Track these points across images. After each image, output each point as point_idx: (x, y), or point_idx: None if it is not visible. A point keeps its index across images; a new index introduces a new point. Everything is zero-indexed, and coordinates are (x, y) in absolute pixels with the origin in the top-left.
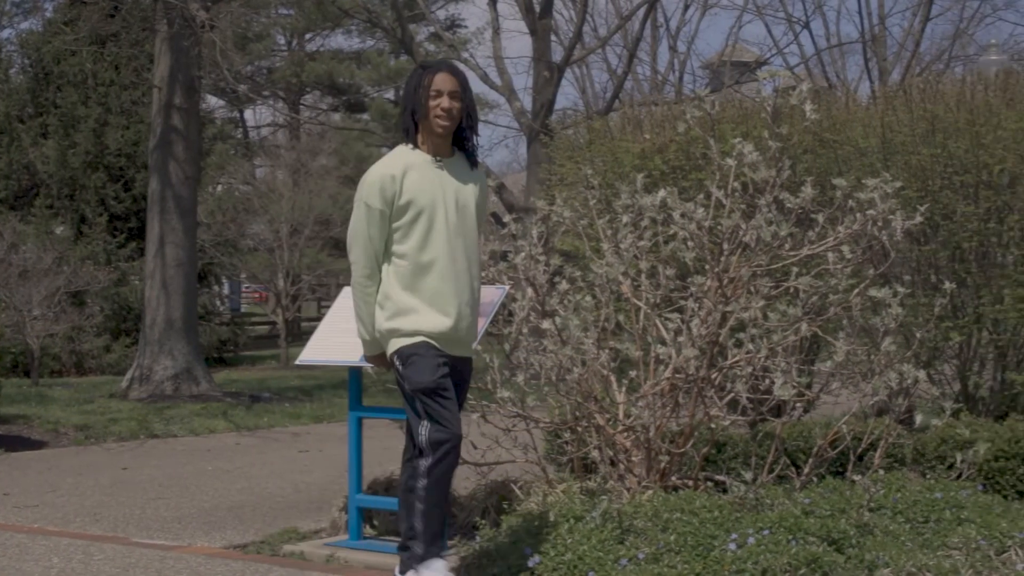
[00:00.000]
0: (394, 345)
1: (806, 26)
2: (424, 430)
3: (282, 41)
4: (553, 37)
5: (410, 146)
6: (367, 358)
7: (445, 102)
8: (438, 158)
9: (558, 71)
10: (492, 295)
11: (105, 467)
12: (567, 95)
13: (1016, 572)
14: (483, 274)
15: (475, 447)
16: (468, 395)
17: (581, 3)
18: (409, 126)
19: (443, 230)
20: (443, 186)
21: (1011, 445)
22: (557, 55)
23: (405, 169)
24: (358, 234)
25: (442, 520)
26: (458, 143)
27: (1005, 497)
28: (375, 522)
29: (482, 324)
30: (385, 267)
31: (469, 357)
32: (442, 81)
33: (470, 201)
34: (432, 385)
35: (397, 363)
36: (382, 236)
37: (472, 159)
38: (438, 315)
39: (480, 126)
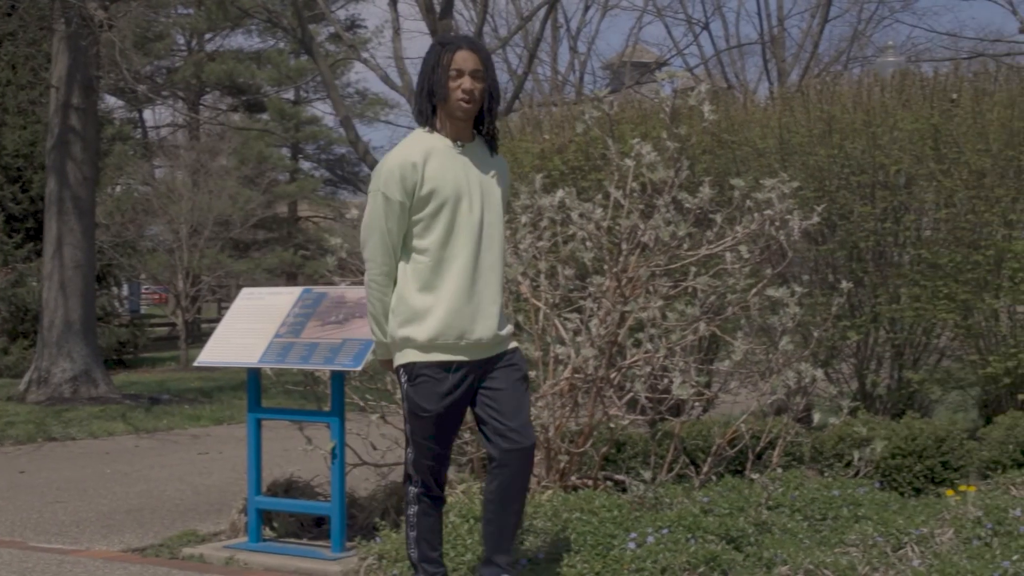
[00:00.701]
0: (405, 357)
1: (706, 27)
2: (410, 456)
3: (182, 41)
4: None
5: (427, 130)
6: (379, 361)
7: (467, 83)
8: (459, 143)
9: None
10: None
11: (2, 470)
12: None
13: (912, 568)
14: None
15: (375, 448)
16: (368, 397)
17: (481, 4)
18: (426, 109)
19: (468, 222)
20: (467, 174)
21: (908, 443)
22: None
23: (426, 155)
24: (374, 228)
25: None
26: (476, 126)
27: (902, 494)
28: (275, 524)
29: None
30: (402, 265)
31: (503, 352)
32: (463, 59)
33: (495, 190)
34: (431, 414)
35: (403, 377)
36: (401, 230)
37: (493, 144)
38: (458, 317)
39: (380, 126)
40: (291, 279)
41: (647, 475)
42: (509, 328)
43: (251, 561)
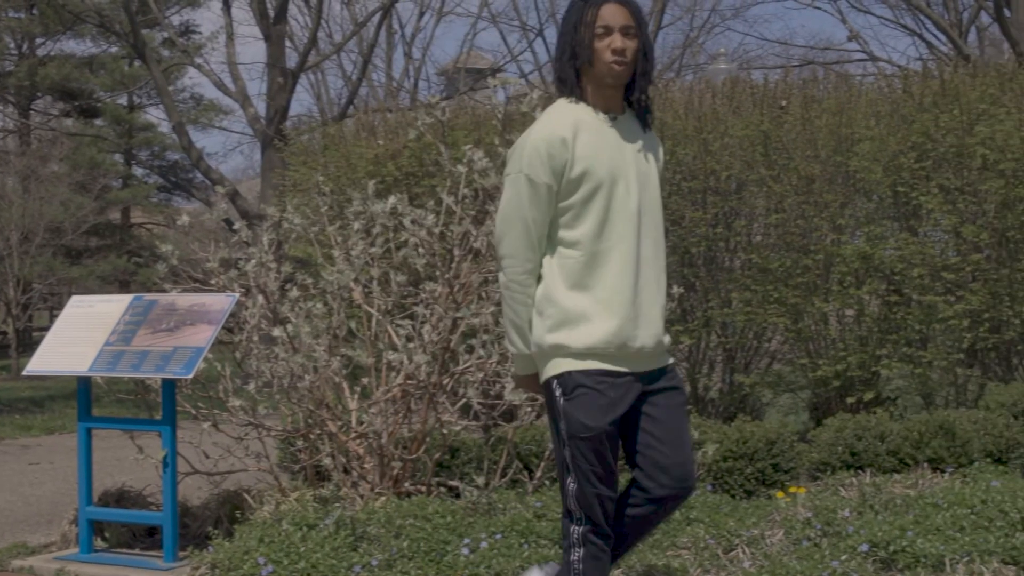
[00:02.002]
0: (557, 367)
1: (540, 34)
2: (572, 487)
3: (13, 45)
4: (288, 43)
5: (572, 100)
6: (516, 379)
7: (618, 41)
8: (611, 115)
9: (292, 77)
10: (221, 303)
11: None
12: (302, 101)
13: (743, 569)
14: (213, 282)
15: (207, 456)
16: (200, 405)
17: (316, 9)
18: (568, 75)
19: (625, 209)
20: (621, 152)
21: (739, 446)
22: (292, 61)
23: (575, 129)
24: (513, 218)
25: None
26: (625, 96)
27: (733, 496)
28: (107, 534)
29: (211, 332)
30: (547, 261)
31: (663, 367)
32: (611, 14)
33: (652, 171)
34: (596, 433)
35: (557, 391)
36: (546, 219)
37: (646, 117)
38: (619, 321)
39: (214, 132)
40: (124, 286)
41: (480, 481)
42: (668, 337)
43: (82, 572)
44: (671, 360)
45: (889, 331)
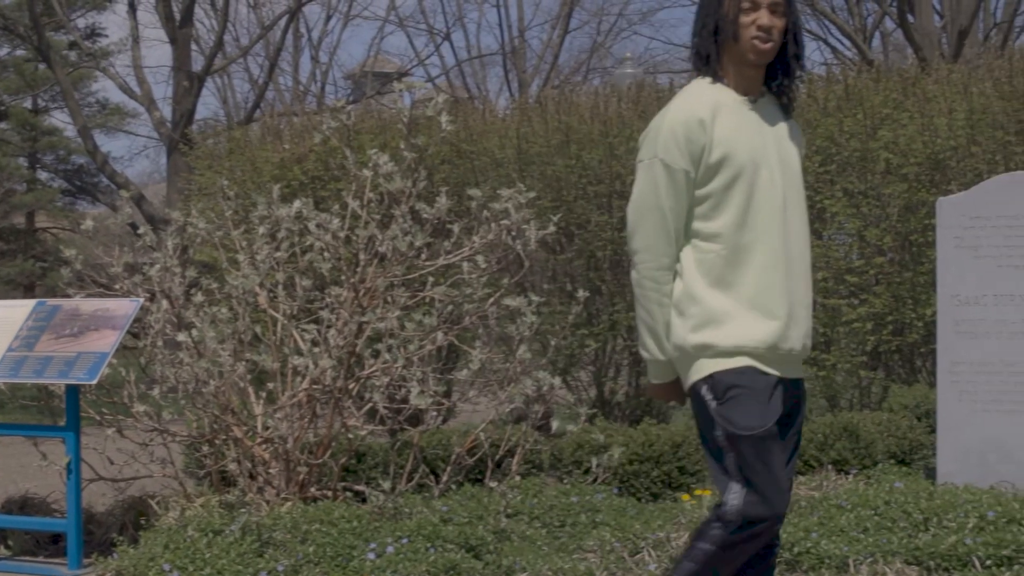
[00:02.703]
0: (705, 368)
1: (447, 38)
2: (736, 496)
3: None
4: (194, 46)
5: (710, 80)
6: (653, 387)
7: (764, 17)
8: (751, 97)
9: (198, 80)
10: (126, 308)
11: None
12: (209, 105)
13: (649, 572)
14: (117, 287)
15: (112, 462)
16: (105, 411)
17: (222, 12)
18: (710, 51)
19: (769, 199)
20: (763, 137)
21: (645, 449)
22: (199, 64)
23: (714, 111)
24: (648, 208)
25: None
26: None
27: (639, 499)
28: (10, 542)
29: (115, 338)
30: (684, 255)
31: (801, 379)
32: None
33: (795, 160)
34: (761, 434)
35: (708, 396)
36: (684, 209)
37: (789, 105)
38: (766, 321)
39: (120, 136)
40: (29, 291)
41: (386, 485)
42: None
43: None
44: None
45: None
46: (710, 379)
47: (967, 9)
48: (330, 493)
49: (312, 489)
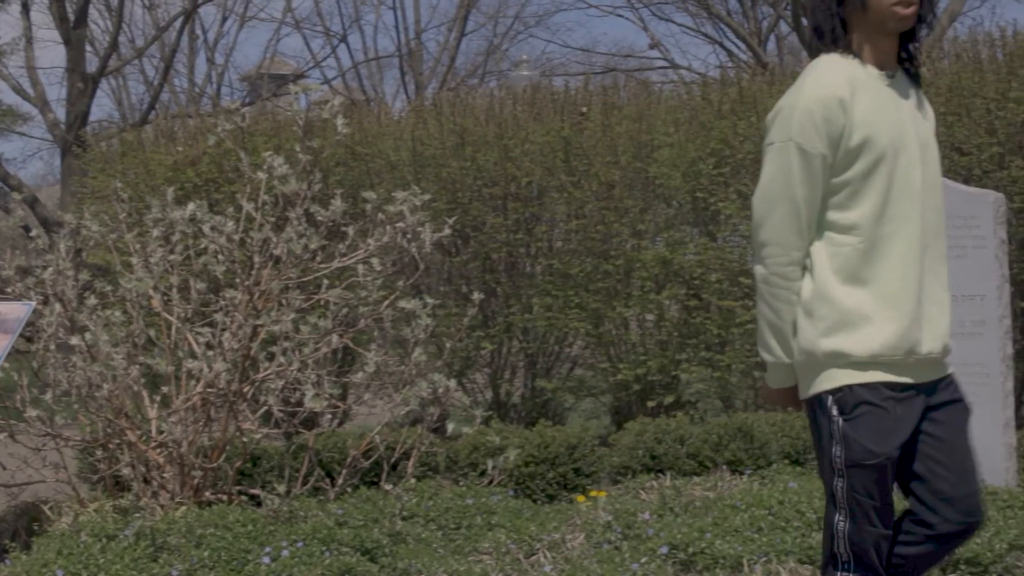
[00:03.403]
0: (835, 379)
1: (343, 40)
2: (844, 527)
3: None
4: (89, 48)
5: (840, 53)
6: (771, 392)
7: None
8: (888, 72)
9: (93, 82)
10: (18, 311)
11: None
12: (103, 107)
13: (544, 574)
14: (9, 290)
15: (4, 467)
16: None
17: (117, 13)
18: (834, 23)
19: (908, 186)
20: (900, 117)
21: (540, 450)
22: (93, 66)
23: (852, 89)
24: (779, 197)
25: None
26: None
27: (535, 501)
28: None
29: (7, 341)
30: (815, 250)
31: (944, 375)
32: None
33: (931, 140)
34: (881, 459)
35: (833, 410)
36: (818, 198)
37: (917, 74)
38: (905, 322)
39: (13, 138)
40: None
41: (281, 488)
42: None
43: None
44: (950, 369)
45: (688, 335)
46: (839, 392)
47: None
48: (225, 497)
49: (207, 493)
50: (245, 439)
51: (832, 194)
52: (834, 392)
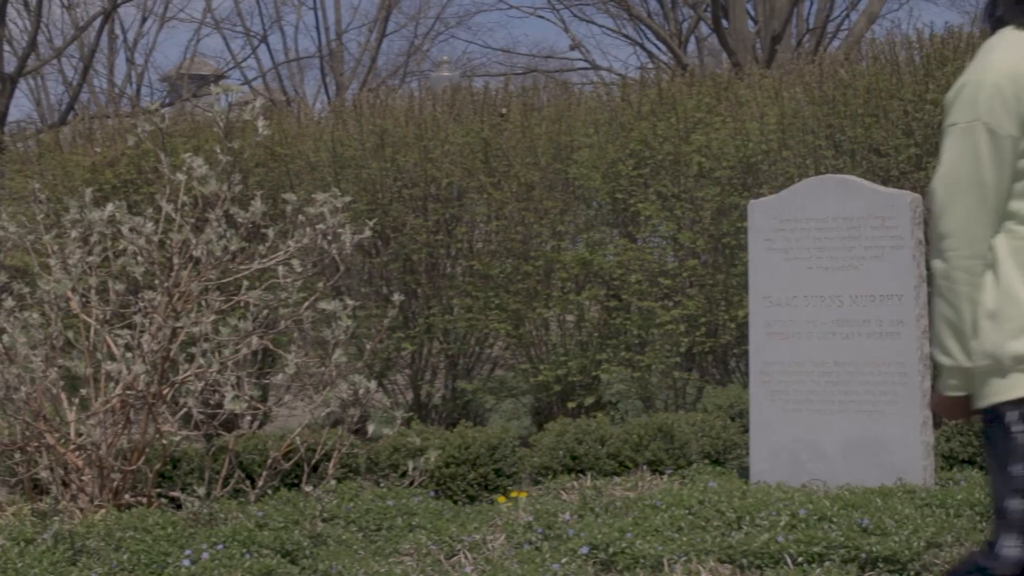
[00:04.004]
0: (1018, 388)
1: (264, 40)
2: (1015, 552)
3: None
4: (7, 47)
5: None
6: (944, 401)
7: None
8: None
9: (11, 82)
10: None
11: None
12: (22, 107)
13: (464, 575)
14: None
15: None
16: None
17: (35, 13)
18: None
19: None
20: None
21: (461, 451)
22: (11, 65)
23: None
24: (965, 184)
25: None
26: None
27: (456, 502)
28: None
29: None
30: (997, 242)
31: None
32: None
33: None
34: None
35: (1017, 423)
36: (1006, 183)
37: None
38: None
39: None
40: None
41: (202, 491)
42: None
43: None
44: None
45: (609, 336)
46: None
47: (780, 15)
48: (145, 500)
49: (126, 496)
50: (165, 441)
51: (1018, 180)
52: (1019, 402)
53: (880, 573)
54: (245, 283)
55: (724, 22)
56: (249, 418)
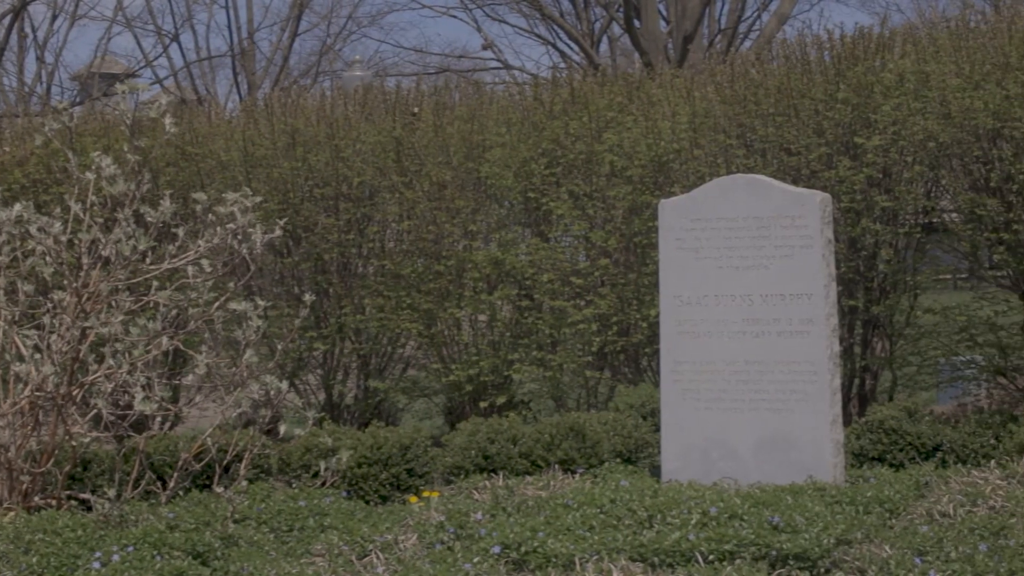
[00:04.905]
0: None
1: (175, 39)
2: None
3: None
4: None
5: None
6: None
7: None
8: None
9: None
10: None
11: None
12: None
13: (376, 575)
14: None
15: None
16: None
17: None
18: None
19: None
20: None
21: (373, 451)
22: None
23: None
24: None
25: None
26: None
27: (368, 502)
28: None
29: None
30: None
31: None
32: None
33: None
34: None
35: None
36: None
37: None
38: None
39: None
40: None
41: (112, 493)
42: None
43: None
44: None
45: (521, 335)
46: None
47: (692, 15)
48: (54, 502)
49: (36, 498)
50: (74, 443)
51: None
52: None
53: (790, 570)
54: (155, 283)
55: (636, 22)
56: (160, 419)
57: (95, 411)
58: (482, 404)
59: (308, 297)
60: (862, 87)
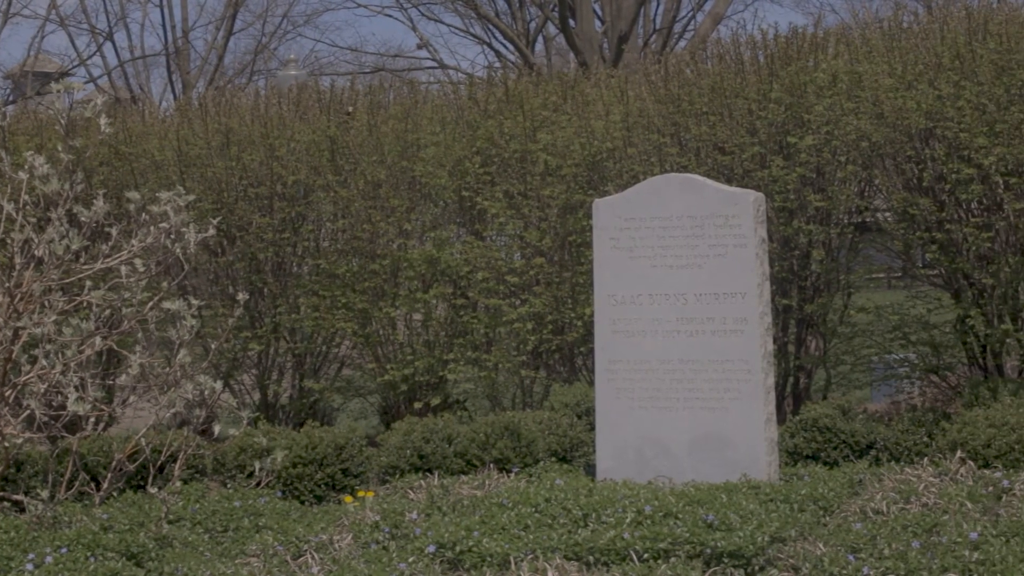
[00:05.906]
0: None
1: (109, 37)
2: None
3: None
4: None
5: None
6: None
7: None
8: None
9: None
10: None
11: None
12: None
13: (311, 575)
14: None
15: None
16: None
17: None
18: None
19: None
20: None
21: (308, 451)
22: None
23: None
24: None
25: None
26: None
27: (303, 502)
28: None
29: None
30: None
31: None
32: None
33: None
34: None
35: None
36: None
37: None
38: None
39: None
40: None
41: (45, 494)
42: None
43: None
44: None
45: (456, 335)
46: None
47: (627, 15)
48: None
49: None
50: (7, 444)
51: None
52: None
53: (725, 568)
54: (88, 283)
55: (571, 22)
56: (93, 420)
57: (28, 412)
58: (417, 404)
59: (242, 296)
60: (795, 87)
